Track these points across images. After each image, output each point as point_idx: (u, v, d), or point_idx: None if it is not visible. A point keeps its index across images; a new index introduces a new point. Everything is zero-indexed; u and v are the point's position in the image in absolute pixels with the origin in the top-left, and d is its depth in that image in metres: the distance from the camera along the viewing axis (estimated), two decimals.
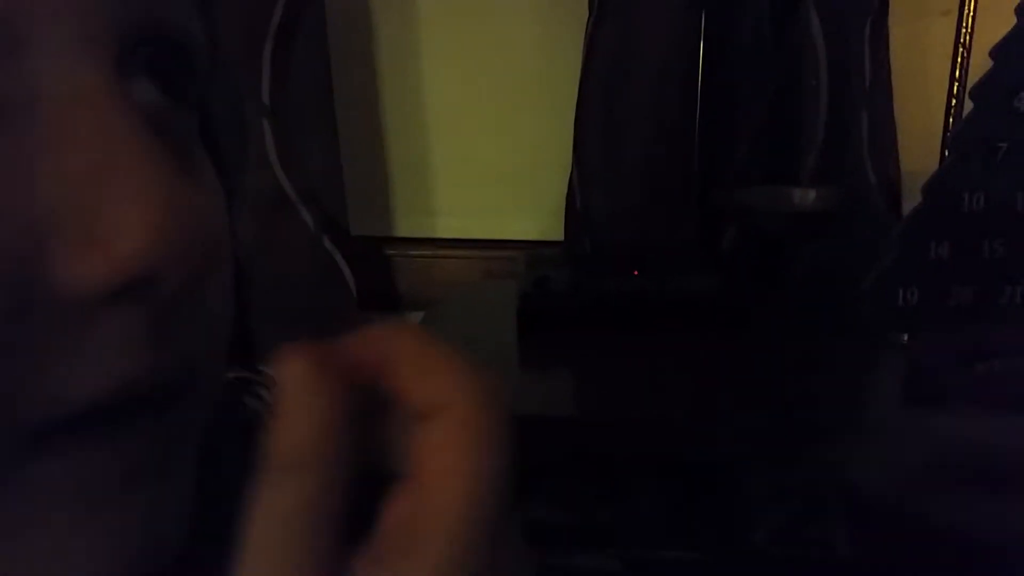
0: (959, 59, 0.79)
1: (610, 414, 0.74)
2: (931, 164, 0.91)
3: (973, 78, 0.71)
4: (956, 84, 0.79)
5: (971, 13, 0.79)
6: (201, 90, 0.24)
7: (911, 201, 0.77)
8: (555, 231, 1.15)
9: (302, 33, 1.06)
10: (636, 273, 0.92)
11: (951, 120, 0.82)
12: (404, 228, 1.23)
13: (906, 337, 0.76)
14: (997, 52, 0.66)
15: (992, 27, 0.69)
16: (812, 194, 0.86)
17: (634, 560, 0.83)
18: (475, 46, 1.14)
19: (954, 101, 0.80)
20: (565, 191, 1.10)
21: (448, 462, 0.20)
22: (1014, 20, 0.66)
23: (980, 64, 0.69)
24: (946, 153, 0.83)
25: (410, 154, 1.19)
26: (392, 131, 1.19)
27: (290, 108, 1.06)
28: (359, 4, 1.13)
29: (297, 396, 0.20)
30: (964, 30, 0.78)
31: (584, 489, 0.91)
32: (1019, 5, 0.65)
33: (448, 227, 1.22)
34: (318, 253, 1.08)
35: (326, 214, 1.10)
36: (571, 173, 1.08)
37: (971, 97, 0.68)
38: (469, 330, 0.98)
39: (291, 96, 1.06)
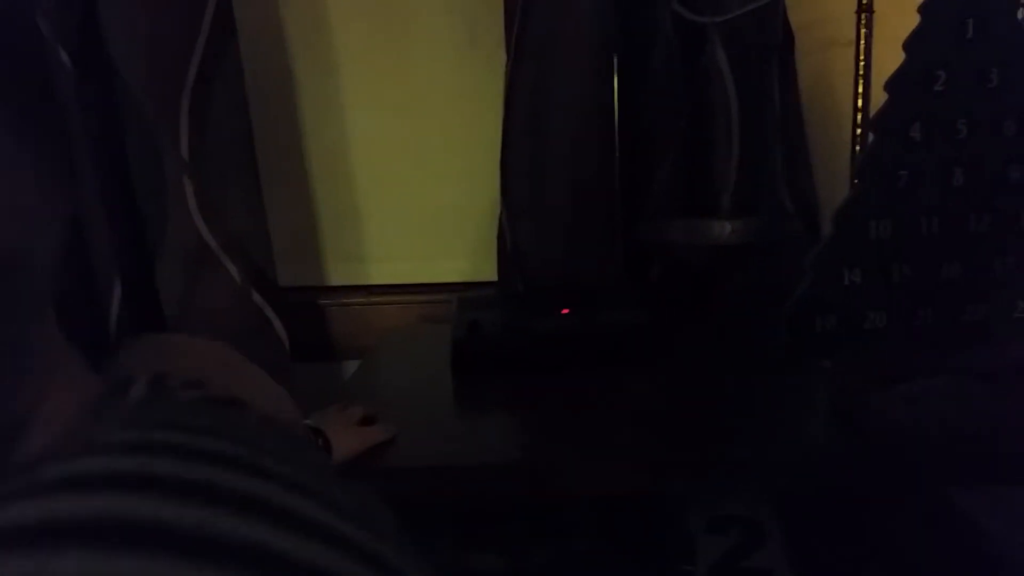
0: (859, 90, 0.82)
1: (549, 456, 0.74)
2: (846, 189, 0.94)
3: (875, 108, 0.74)
4: (859, 114, 0.82)
5: (867, 45, 0.82)
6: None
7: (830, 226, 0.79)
8: (488, 271, 1.16)
9: (219, 85, 1.05)
10: (566, 312, 0.93)
11: (857, 148, 0.85)
12: (336, 276, 1.21)
13: (828, 363, 0.78)
14: (890, 85, 0.69)
15: (893, 57, 0.72)
16: (729, 226, 0.88)
17: None
18: (398, 91, 1.14)
19: (859, 131, 0.83)
20: (495, 231, 1.11)
21: None
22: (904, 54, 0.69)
23: (882, 94, 0.72)
24: (854, 181, 0.85)
25: (338, 202, 1.18)
26: (317, 179, 1.18)
27: (210, 161, 1.05)
28: (276, 52, 1.13)
29: None
30: (862, 62, 0.82)
31: (523, 533, 0.90)
32: (906, 40, 0.68)
33: (380, 273, 1.21)
34: (246, 307, 1.06)
35: (253, 267, 1.08)
36: (500, 212, 1.08)
37: (870, 129, 0.71)
38: (405, 377, 0.97)
39: (211, 149, 1.05)
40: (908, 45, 0.67)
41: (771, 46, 0.93)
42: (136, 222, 1.03)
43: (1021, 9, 0.68)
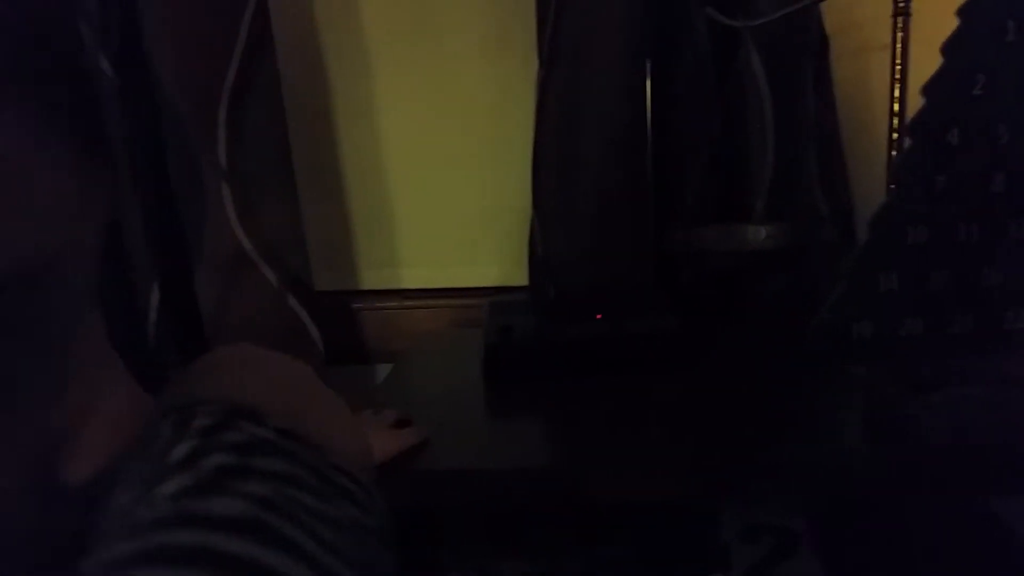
0: (896, 94, 0.81)
1: (581, 463, 0.74)
2: (882, 195, 0.93)
3: (912, 111, 0.73)
4: (895, 119, 0.81)
5: (903, 49, 0.81)
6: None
7: (865, 232, 0.78)
8: (519, 276, 1.16)
9: (256, 92, 1.07)
10: (598, 317, 0.93)
11: (894, 153, 0.83)
12: (369, 281, 1.23)
13: (862, 370, 0.77)
14: (928, 90, 0.68)
15: (930, 62, 0.71)
16: (763, 231, 0.87)
17: None
18: (431, 98, 1.16)
19: (895, 135, 0.82)
20: (527, 236, 1.11)
21: None
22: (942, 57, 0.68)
23: (919, 98, 0.71)
24: (891, 186, 0.84)
25: (372, 207, 1.20)
26: (352, 185, 1.19)
27: (248, 167, 1.07)
28: (313, 60, 1.15)
29: None
30: (898, 66, 0.81)
31: (555, 539, 0.90)
32: (944, 43, 0.67)
33: (413, 278, 1.22)
34: (283, 311, 1.08)
35: (289, 272, 1.10)
36: (531, 219, 1.09)
37: (907, 133, 0.70)
38: (437, 381, 0.98)
39: (248, 155, 1.07)
40: (947, 48, 0.66)
41: (806, 50, 0.93)
42: (175, 228, 1.05)
43: None
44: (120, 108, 0.97)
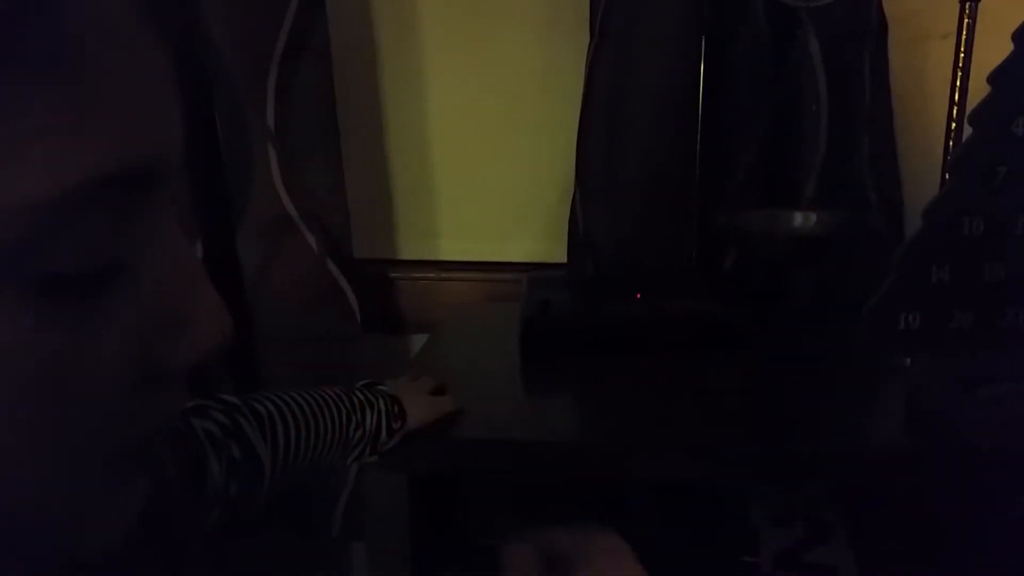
0: (957, 83, 0.79)
1: (614, 440, 0.74)
2: (934, 186, 0.92)
3: (973, 102, 0.71)
4: (955, 108, 0.80)
5: (968, 37, 0.79)
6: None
7: (914, 223, 0.77)
8: (558, 253, 1.16)
9: (307, 56, 1.07)
10: (638, 296, 0.92)
11: (951, 143, 0.82)
12: (407, 251, 1.23)
13: (908, 361, 0.76)
14: (995, 78, 0.66)
15: (991, 51, 0.69)
16: (813, 217, 0.86)
17: None
18: (478, 69, 1.15)
19: (954, 125, 0.80)
20: (567, 213, 1.11)
21: None
22: (1012, 45, 0.67)
23: (979, 88, 0.70)
24: (946, 177, 0.83)
25: (414, 177, 1.20)
26: (396, 154, 1.19)
27: (294, 132, 1.07)
28: (363, 29, 1.15)
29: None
30: (962, 54, 0.79)
31: (587, 515, 0.90)
32: (1016, 31, 0.66)
33: (451, 249, 1.22)
34: (322, 276, 1.08)
35: (330, 237, 1.10)
36: (573, 195, 1.08)
37: (969, 122, 0.68)
38: (472, 353, 0.98)
39: (295, 120, 1.07)
40: (1018, 36, 0.65)
41: (865, 35, 0.91)
42: (220, 187, 1.06)
43: None
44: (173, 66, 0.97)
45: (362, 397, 0.66)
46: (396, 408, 0.68)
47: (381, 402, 0.67)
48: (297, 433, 0.59)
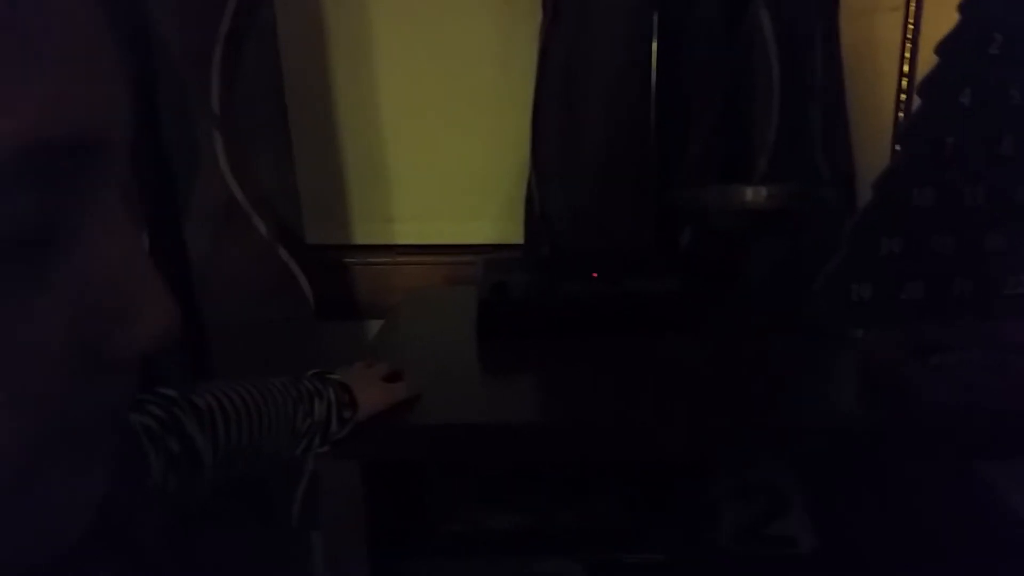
0: (906, 55, 0.79)
1: (571, 420, 0.73)
2: (885, 158, 0.92)
3: (922, 73, 0.72)
4: (905, 80, 0.80)
5: (916, 8, 0.79)
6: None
7: (867, 195, 0.77)
8: (516, 234, 1.14)
9: (252, 38, 1.04)
10: (595, 276, 0.92)
11: (901, 115, 0.82)
12: (362, 235, 1.21)
13: (861, 332, 0.77)
14: (942, 48, 0.66)
15: (940, 22, 0.69)
16: (765, 192, 0.86)
17: (597, 564, 0.83)
18: (429, 50, 1.13)
19: (903, 97, 0.80)
20: (524, 194, 1.09)
21: None
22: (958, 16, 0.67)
23: (928, 60, 0.70)
24: (896, 148, 0.83)
25: (366, 160, 1.17)
26: (347, 137, 1.17)
27: (241, 116, 1.04)
28: (311, 8, 1.12)
29: None
30: (910, 26, 0.79)
31: (546, 495, 0.90)
32: (962, 1, 0.66)
33: (407, 233, 1.21)
34: (273, 263, 1.06)
35: (280, 223, 1.08)
36: (529, 175, 1.07)
37: (918, 93, 0.69)
38: (429, 337, 0.97)
39: (242, 104, 1.04)
40: (964, 6, 0.65)
41: (816, 8, 0.91)
42: (165, 174, 1.03)
43: None
44: None
45: (311, 386, 0.64)
46: (347, 397, 0.66)
47: (331, 391, 0.65)
48: (239, 425, 0.57)
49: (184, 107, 1.02)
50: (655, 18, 0.92)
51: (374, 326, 1.17)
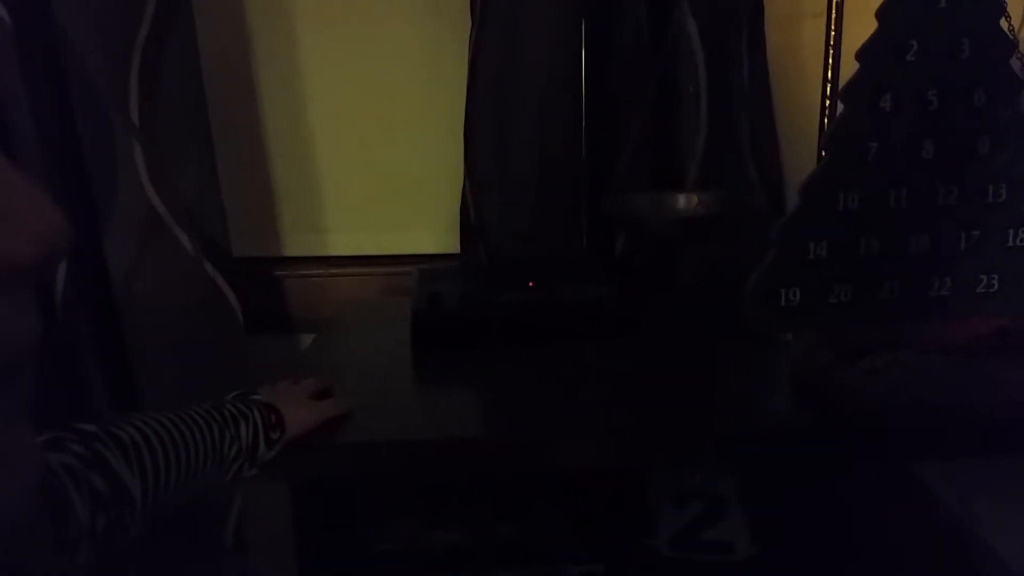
0: (830, 61, 0.80)
1: (507, 432, 0.72)
2: (812, 163, 0.93)
3: (846, 79, 0.72)
4: (828, 86, 0.81)
5: (838, 15, 0.80)
6: None
7: (795, 200, 0.78)
8: (452, 243, 1.13)
9: (172, 45, 1.00)
10: (531, 284, 0.91)
11: (826, 121, 0.83)
12: (293, 247, 1.18)
13: (790, 336, 0.77)
14: (861, 55, 0.67)
15: (863, 28, 0.70)
16: (695, 199, 0.86)
17: None
18: (357, 56, 1.11)
19: (828, 102, 0.81)
20: (459, 202, 1.08)
21: None
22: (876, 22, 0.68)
23: (853, 65, 0.71)
24: (822, 153, 0.84)
25: (295, 170, 1.15)
26: (274, 146, 1.14)
27: (162, 125, 1.01)
28: (232, 13, 1.08)
29: None
30: (833, 32, 0.80)
31: (483, 510, 0.88)
32: (880, 8, 0.67)
33: (340, 244, 1.18)
34: (198, 278, 1.02)
35: (205, 236, 1.04)
36: (463, 184, 1.06)
37: (840, 99, 0.69)
38: (363, 350, 0.95)
39: (162, 113, 1.01)
40: (881, 13, 0.66)
41: (741, 15, 0.91)
42: (82, 188, 0.98)
43: None
44: (19, 59, 0.89)
45: (234, 410, 0.62)
46: (273, 417, 0.64)
47: (256, 413, 0.63)
48: (166, 456, 0.54)
49: (102, 116, 0.98)
50: (583, 25, 0.92)
51: (307, 340, 1.14)
